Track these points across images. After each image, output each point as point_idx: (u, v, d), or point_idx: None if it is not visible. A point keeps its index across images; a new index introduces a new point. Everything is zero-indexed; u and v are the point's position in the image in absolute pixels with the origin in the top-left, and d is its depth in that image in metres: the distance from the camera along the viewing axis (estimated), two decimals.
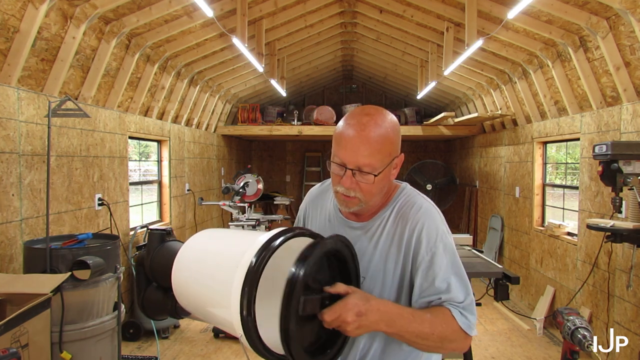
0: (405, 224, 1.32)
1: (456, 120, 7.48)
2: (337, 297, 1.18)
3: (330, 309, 1.14)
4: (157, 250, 1.60)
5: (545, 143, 5.70)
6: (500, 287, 3.16)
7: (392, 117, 1.32)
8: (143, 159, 6.72)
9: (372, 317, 1.16)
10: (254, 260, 1.13)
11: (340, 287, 1.18)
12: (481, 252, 3.84)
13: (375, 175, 1.26)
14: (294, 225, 1.52)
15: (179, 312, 1.55)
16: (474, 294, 1.34)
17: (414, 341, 1.23)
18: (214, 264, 1.31)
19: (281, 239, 1.18)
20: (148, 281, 1.64)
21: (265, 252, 1.14)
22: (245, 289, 1.11)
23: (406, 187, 1.42)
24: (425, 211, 1.32)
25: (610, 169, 3.10)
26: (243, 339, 1.14)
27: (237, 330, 1.14)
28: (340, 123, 1.31)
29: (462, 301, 1.26)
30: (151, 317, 1.66)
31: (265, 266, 1.13)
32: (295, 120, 8.46)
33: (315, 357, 1.20)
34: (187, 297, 1.37)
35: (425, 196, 1.41)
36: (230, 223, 5.75)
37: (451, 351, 1.28)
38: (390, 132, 1.27)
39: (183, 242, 1.52)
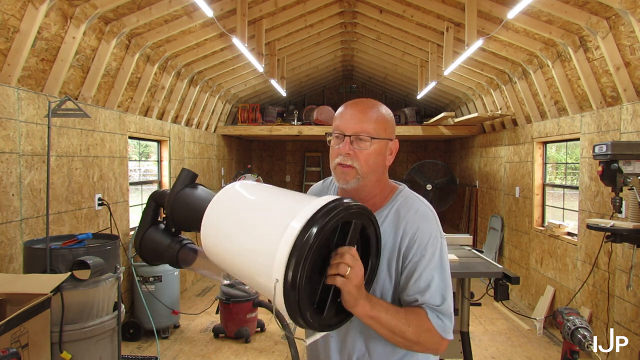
0: (401, 225, 1.36)
1: (456, 120, 7.48)
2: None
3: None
4: (188, 188, 1.46)
5: (545, 143, 5.70)
6: (500, 287, 3.16)
7: (385, 107, 1.44)
8: (143, 159, 6.72)
9: (358, 280, 1.16)
10: (299, 234, 1.07)
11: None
12: (481, 252, 3.84)
13: (372, 139, 1.34)
14: None
15: (180, 261, 1.45)
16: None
17: (390, 334, 1.26)
18: (262, 216, 1.21)
19: (332, 214, 1.12)
20: (154, 221, 1.52)
21: (313, 226, 1.08)
22: (292, 260, 1.06)
23: (404, 188, 1.47)
24: (422, 214, 1.37)
25: (610, 169, 3.10)
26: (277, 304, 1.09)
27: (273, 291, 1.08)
28: (339, 108, 1.43)
29: (438, 305, 1.29)
30: (146, 259, 1.51)
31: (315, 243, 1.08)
32: (295, 120, 8.46)
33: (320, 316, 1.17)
34: (219, 241, 1.26)
35: (423, 199, 1.44)
36: None
37: (424, 352, 1.33)
38: (384, 112, 1.40)
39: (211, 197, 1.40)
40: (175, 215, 1.44)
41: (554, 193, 6.03)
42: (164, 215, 1.51)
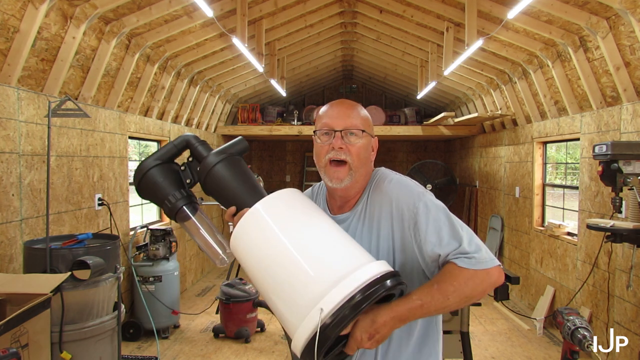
0: (382, 201, 1.37)
1: (456, 120, 7.48)
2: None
3: (348, 347, 1.22)
4: (237, 157, 1.35)
5: (545, 143, 5.70)
6: (500, 287, 3.15)
7: None
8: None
9: (385, 331, 1.20)
10: (329, 320, 1.10)
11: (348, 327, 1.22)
12: None
13: (362, 132, 1.37)
14: None
15: (178, 218, 1.36)
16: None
17: (438, 313, 1.27)
18: (330, 242, 1.24)
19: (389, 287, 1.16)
20: (171, 159, 1.39)
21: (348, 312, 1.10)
22: (347, 306, 1.09)
23: (380, 169, 1.48)
24: (396, 182, 1.38)
25: (610, 169, 3.10)
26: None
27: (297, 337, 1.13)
28: (322, 109, 1.45)
29: (457, 247, 1.25)
30: (140, 192, 1.39)
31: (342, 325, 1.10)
32: (295, 120, 8.46)
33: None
34: (268, 240, 1.24)
35: (398, 173, 1.46)
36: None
37: (484, 294, 1.26)
38: (365, 111, 1.45)
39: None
40: (209, 177, 1.34)
41: (554, 193, 6.03)
42: (187, 161, 1.41)
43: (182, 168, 1.40)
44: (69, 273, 2.84)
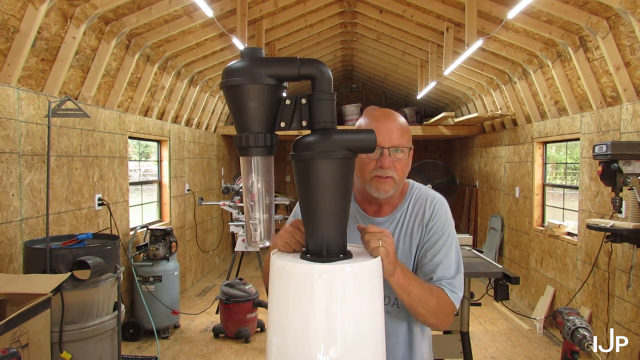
0: (424, 212, 1.51)
1: (456, 120, 7.48)
2: None
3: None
4: (350, 163, 1.05)
5: (545, 143, 5.70)
6: (500, 287, 3.16)
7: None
8: (143, 159, 6.71)
9: (394, 249, 1.24)
10: None
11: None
12: (481, 252, 3.84)
13: (409, 149, 1.46)
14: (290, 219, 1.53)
15: (241, 158, 1.07)
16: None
17: (414, 303, 1.32)
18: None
19: None
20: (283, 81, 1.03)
21: None
22: None
23: (414, 183, 1.60)
24: (439, 201, 1.55)
25: (610, 169, 3.10)
26: None
27: None
28: (364, 120, 1.50)
29: (451, 277, 1.43)
30: (224, 92, 1.05)
31: None
32: None
33: None
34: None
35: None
36: (230, 223, 5.75)
37: (436, 325, 1.42)
38: (405, 122, 1.53)
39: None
40: (298, 161, 1.12)
41: (554, 193, 6.03)
42: (299, 97, 1.17)
43: (288, 102, 1.10)
44: (69, 273, 2.85)
